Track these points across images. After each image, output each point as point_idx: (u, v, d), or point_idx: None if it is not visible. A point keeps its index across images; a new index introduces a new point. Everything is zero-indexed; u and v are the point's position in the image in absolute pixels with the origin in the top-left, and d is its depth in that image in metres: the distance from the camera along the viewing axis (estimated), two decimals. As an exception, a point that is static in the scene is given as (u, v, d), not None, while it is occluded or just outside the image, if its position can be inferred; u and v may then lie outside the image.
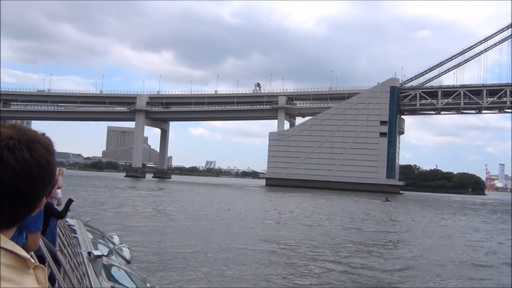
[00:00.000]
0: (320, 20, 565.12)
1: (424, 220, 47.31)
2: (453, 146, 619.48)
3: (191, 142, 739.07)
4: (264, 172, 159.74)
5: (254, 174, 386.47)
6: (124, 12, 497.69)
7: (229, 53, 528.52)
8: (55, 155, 1.20)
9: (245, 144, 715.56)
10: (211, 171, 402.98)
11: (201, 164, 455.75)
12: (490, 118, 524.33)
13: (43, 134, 1.21)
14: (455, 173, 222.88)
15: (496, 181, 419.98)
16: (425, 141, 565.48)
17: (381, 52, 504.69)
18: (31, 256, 2.72)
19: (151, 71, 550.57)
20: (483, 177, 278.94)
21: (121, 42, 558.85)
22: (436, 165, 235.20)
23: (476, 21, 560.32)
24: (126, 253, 9.86)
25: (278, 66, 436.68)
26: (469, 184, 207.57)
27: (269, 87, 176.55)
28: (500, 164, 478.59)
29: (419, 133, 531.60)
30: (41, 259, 3.93)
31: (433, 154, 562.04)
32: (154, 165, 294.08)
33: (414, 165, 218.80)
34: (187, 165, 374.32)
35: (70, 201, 6.47)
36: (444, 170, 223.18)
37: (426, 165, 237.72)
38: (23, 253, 1.11)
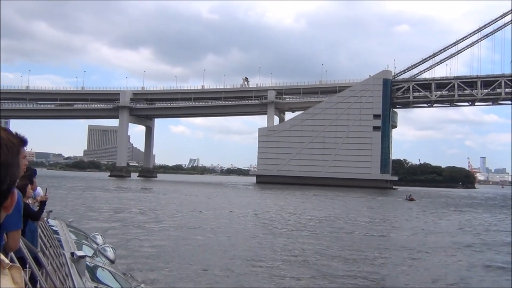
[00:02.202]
0: (298, 16, 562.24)
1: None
2: (433, 140, 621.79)
3: (172, 140, 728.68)
4: (249, 169, 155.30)
5: (239, 171, 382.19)
6: (99, 9, 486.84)
7: (208, 50, 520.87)
8: (8, 148, 1.16)
9: (227, 141, 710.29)
10: (195, 169, 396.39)
11: (183, 162, 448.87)
12: (468, 112, 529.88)
13: (15, 134, 1.20)
14: (443, 167, 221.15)
15: (478, 174, 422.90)
16: (406, 135, 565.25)
17: (360, 48, 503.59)
18: (11, 257, 3.10)
19: (130, 69, 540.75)
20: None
21: (98, 39, 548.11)
22: (419, 159, 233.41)
23: (454, 16, 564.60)
24: (110, 253, 9.78)
25: (258, 62, 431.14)
26: (459, 178, 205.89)
27: (255, 82, 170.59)
28: (481, 157, 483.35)
29: (399, 128, 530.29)
30: (22, 260, 3.85)
31: (414, 149, 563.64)
32: (137, 164, 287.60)
33: (404, 159, 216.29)
34: (169, 163, 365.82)
35: (43, 203, 6.16)
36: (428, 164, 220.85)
37: (409, 160, 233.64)
38: None
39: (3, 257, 1.11)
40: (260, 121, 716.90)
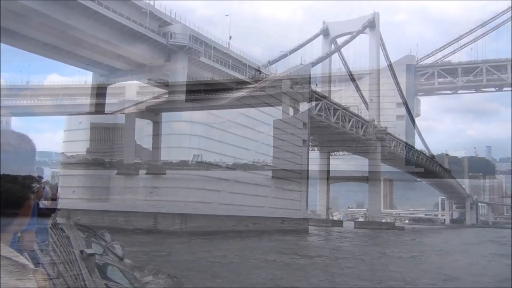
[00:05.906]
0: (295, 7, 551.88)
1: None
2: (434, 130, 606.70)
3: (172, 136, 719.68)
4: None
5: (245, 166, 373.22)
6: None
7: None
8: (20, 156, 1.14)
9: (225, 135, 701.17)
10: (201, 165, 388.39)
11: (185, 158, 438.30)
12: (469, 101, 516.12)
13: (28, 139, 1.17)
14: (458, 157, 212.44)
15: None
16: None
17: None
18: (26, 257, 3.28)
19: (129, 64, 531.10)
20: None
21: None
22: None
23: (453, 5, 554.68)
24: (119, 250, 9.62)
25: (257, 55, 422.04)
26: (479, 168, 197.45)
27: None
28: (486, 146, 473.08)
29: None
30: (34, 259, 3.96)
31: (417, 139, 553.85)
32: (140, 161, 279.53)
33: (421, 150, 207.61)
34: (171, 159, 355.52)
35: (55, 199, 6.40)
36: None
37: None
38: (22, 259, 1.14)
39: (28, 261, 1.14)
40: (258, 114, 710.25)
